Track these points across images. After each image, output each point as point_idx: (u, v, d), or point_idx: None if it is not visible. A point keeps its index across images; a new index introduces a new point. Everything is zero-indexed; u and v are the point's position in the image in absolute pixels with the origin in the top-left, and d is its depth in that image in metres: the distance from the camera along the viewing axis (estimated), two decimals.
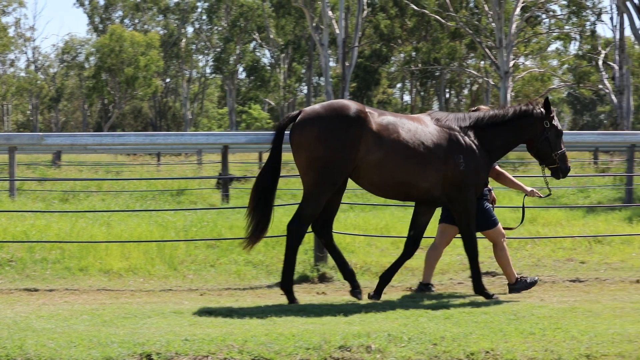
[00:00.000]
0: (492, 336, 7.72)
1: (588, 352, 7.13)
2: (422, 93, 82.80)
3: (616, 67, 52.99)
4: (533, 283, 11.01)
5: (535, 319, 8.71)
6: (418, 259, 11.67)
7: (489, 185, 11.16)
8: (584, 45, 61.21)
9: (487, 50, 54.28)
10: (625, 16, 39.28)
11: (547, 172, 11.06)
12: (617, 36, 53.42)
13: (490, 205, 11.12)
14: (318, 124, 10.07)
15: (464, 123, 10.62)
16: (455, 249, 13.95)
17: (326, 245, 10.72)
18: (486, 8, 54.12)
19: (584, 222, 16.51)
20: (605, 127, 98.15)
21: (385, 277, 10.78)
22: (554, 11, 59.72)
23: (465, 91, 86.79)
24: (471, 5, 61.66)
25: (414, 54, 70.16)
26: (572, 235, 14.66)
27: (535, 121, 10.82)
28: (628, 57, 54.52)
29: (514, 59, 55.54)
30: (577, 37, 60.80)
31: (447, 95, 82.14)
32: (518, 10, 52.57)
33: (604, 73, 56.26)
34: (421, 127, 10.38)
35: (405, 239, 10.91)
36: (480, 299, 10.41)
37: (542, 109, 10.87)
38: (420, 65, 67.29)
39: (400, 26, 68.71)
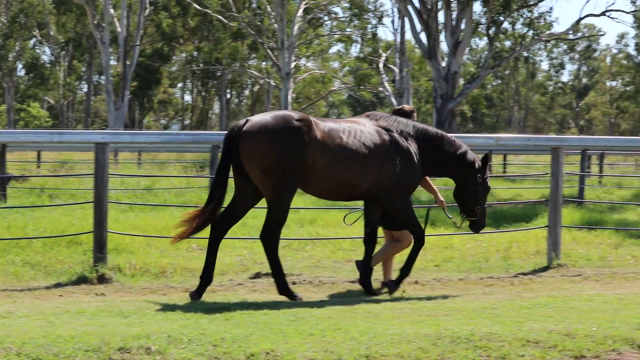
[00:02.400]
0: (272, 337, 7.65)
1: (367, 353, 7.15)
2: (203, 93, 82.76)
3: (397, 69, 54.26)
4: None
5: (315, 319, 8.69)
6: (197, 260, 11.53)
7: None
8: (365, 47, 62.39)
9: (269, 51, 54.65)
10: (406, 20, 40.22)
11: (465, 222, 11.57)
12: (398, 39, 54.71)
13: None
14: (268, 133, 10.19)
15: (407, 129, 10.93)
16: (235, 250, 13.92)
17: (212, 241, 10.62)
18: (269, 9, 54.47)
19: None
20: None
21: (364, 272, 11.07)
22: (336, 13, 60.73)
23: (247, 92, 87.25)
24: (254, 6, 61.93)
25: (195, 53, 70.12)
26: (351, 236, 14.80)
27: (473, 171, 11.22)
28: (408, 60, 55.92)
29: (295, 61, 56.08)
30: (359, 39, 61.94)
31: (229, 96, 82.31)
32: (300, 11, 53.12)
33: (384, 76, 57.47)
34: (360, 129, 10.68)
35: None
36: (261, 298, 10.36)
37: (479, 162, 11.30)
38: (201, 65, 67.21)
39: (182, 25, 68.52)
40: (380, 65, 57.14)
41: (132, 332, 7.69)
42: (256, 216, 16.92)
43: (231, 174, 10.50)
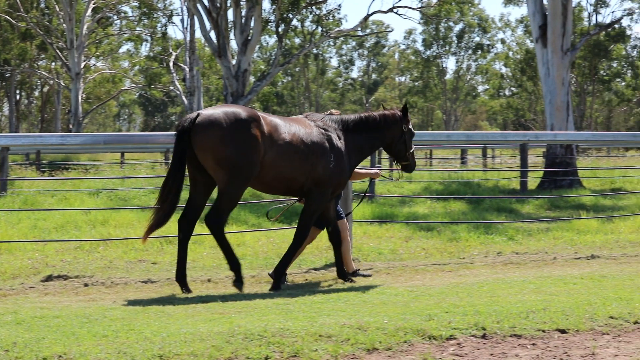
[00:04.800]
0: (64, 340, 7.53)
1: (161, 353, 7.12)
2: None
3: (187, 68, 54.03)
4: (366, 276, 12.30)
5: (108, 321, 8.61)
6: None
7: None
8: (155, 46, 62.00)
9: (58, 51, 53.55)
10: (195, 18, 40.11)
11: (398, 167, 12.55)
12: (188, 38, 54.49)
13: None
14: (220, 126, 10.61)
15: (337, 125, 11.70)
16: (26, 253, 13.64)
17: (182, 240, 11.07)
18: (57, 9, 53.35)
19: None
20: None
21: (340, 270, 11.96)
22: (125, 12, 60.07)
23: (37, 93, 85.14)
24: (42, 5, 60.53)
25: None
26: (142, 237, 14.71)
27: (397, 126, 12.08)
28: (199, 59, 55.84)
29: (85, 61, 55.23)
30: (149, 38, 61.46)
31: (18, 97, 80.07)
32: (89, 11, 52.28)
33: (175, 74, 57.19)
34: (301, 128, 11.31)
35: None
36: (53, 301, 10.18)
37: (400, 114, 12.11)
38: None
39: None
40: (171, 64, 56.84)
41: None
42: (47, 218, 16.65)
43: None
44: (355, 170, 12.25)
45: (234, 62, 36.50)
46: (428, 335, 7.83)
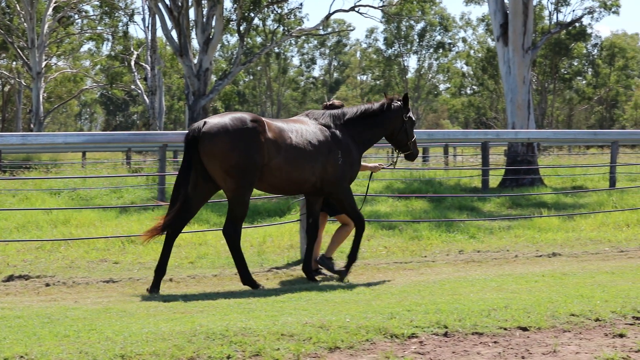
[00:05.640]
0: (26, 340, 7.48)
1: (123, 352, 7.09)
2: None
3: (148, 67, 53.91)
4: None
5: (70, 321, 8.55)
6: None
7: None
8: (116, 45, 61.75)
9: (19, 50, 53.21)
10: (157, 17, 40.00)
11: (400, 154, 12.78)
12: (150, 37, 54.35)
13: None
14: (227, 134, 10.78)
15: (339, 120, 11.96)
16: None
17: (167, 240, 11.15)
18: (18, 8, 53.01)
19: (117, 223, 16.61)
20: (138, 127, 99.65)
21: (307, 264, 12.06)
22: (86, 12, 59.81)
23: None
24: (3, 4, 60.10)
25: None
26: (105, 235, 14.64)
27: (398, 115, 12.38)
28: (160, 58, 55.68)
29: (46, 60, 54.93)
30: (110, 37, 61.21)
31: None
32: (50, 10, 51.99)
33: (136, 74, 56.98)
34: (305, 128, 11.58)
35: None
36: (14, 301, 10.11)
37: (400, 104, 12.44)
38: None
39: None
40: (132, 63, 56.63)
41: None
42: (8, 218, 16.54)
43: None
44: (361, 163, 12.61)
45: (195, 61, 36.44)
46: (390, 334, 7.83)
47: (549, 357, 7.41)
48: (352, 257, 12.14)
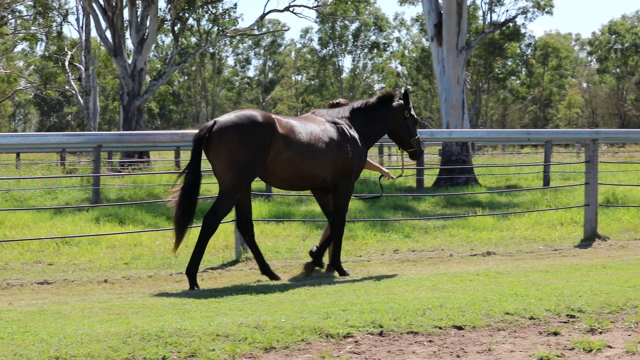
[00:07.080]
0: None
1: (57, 354, 7.05)
2: None
3: (82, 68, 53.53)
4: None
5: (4, 323, 8.48)
6: None
7: None
8: (50, 46, 61.23)
9: None
10: (91, 17, 39.71)
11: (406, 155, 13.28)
12: (84, 37, 53.95)
13: None
14: (236, 132, 11.00)
15: (345, 116, 12.27)
16: None
17: (249, 242, 11.93)
18: None
19: (52, 224, 16.48)
20: (72, 128, 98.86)
21: (317, 257, 12.33)
22: (20, 12, 59.16)
23: None
24: None
25: None
26: (39, 237, 14.52)
27: (398, 112, 12.66)
28: (94, 58, 55.30)
29: None
30: (44, 38, 60.66)
31: None
32: None
33: (70, 74, 56.52)
34: (315, 125, 11.82)
35: None
36: None
37: (401, 101, 12.69)
38: None
39: None
40: (66, 63, 56.17)
41: None
42: None
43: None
44: (369, 160, 12.87)
45: (129, 61, 36.27)
46: (325, 334, 7.85)
47: (483, 356, 7.48)
48: (335, 261, 12.37)
